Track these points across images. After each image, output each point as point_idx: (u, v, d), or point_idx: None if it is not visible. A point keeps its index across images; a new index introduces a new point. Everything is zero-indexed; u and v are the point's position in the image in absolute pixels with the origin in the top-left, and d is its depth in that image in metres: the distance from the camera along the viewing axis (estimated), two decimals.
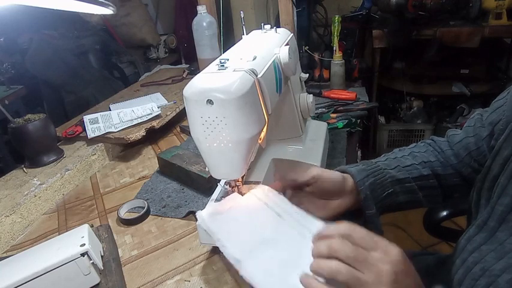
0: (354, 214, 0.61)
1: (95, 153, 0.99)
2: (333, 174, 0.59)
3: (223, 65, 0.52)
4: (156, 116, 1.06)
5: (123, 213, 0.78)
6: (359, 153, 1.14)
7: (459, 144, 0.64)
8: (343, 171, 0.61)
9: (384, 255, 0.39)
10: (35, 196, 0.82)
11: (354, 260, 0.38)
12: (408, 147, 0.68)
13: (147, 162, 1.01)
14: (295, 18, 1.42)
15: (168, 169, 0.89)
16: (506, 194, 0.45)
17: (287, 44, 0.66)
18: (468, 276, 0.45)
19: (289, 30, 0.78)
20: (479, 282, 0.43)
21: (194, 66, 1.55)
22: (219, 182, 0.63)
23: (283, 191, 0.58)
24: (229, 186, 0.61)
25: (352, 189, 0.59)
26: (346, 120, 1.02)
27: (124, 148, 1.09)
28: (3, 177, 0.90)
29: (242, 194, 0.61)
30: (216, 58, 0.55)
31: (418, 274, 0.41)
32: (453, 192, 0.67)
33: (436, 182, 0.64)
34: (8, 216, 0.75)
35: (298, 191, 0.60)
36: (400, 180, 0.62)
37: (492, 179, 0.49)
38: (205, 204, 0.66)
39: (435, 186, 0.64)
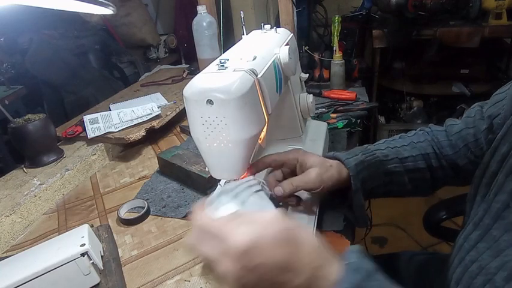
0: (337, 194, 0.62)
1: (95, 153, 0.99)
2: (332, 176, 0.58)
3: (223, 65, 0.52)
4: (156, 116, 1.06)
5: (123, 213, 0.78)
6: None
7: (457, 135, 0.64)
8: (337, 159, 0.61)
9: (222, 254, 0.35)
10: (35, 196, 0.82)
11: (206, 259, 0.37)
12: (409, 135, 0.69)
13: (147, 162, 1.01)
14: (295, 18, 1.42)
15: (168, 169, 0.89)
16: (504, 191, 0.44)
17: (287, 44, 0.66)
18: (466, 275, 0.45)
19: (289, 30, 0.78)
20: (476, 280, 0.43)
21: (194, 66, 1.55)
22: (219, 182, 0.63)
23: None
24: None
25: (346, 178, 0.59)
26: (346, 120, 1.02)
27: (124, 148, 1.09)
28: (3, 177, 0.90)
29: None
30: (216, 58, 0.55)
31: (279, 256, 0.34)
32: (444, 185, 0.67)
33: (429, 175, 0.64)
34: (8, 216, 0.75)
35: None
36: (393, 173, 0.63)
37: (490, 176, 0.49)
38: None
39: (427, 178, 0.65)
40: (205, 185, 0.79)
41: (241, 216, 0.38)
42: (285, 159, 0.60)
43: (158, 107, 1.10)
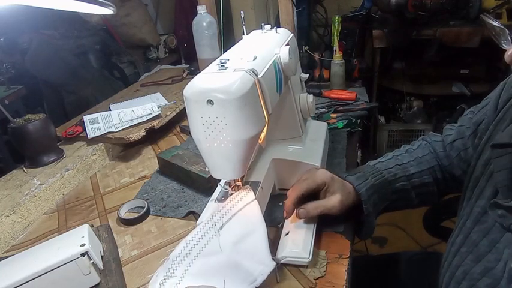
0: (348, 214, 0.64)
1: (95, 153, 0.99)
2: (350, 202, 0.62)
3: (223, 65, 0.52)
4: (156, 116, 1.06)
5: (123, 213, 0.78)
6: (359, 153, 1.14)
7: (450, 145, 0.65)
8: (348, 181, 0.63)
9: None
10: (35, 196, 0.82)
11: None
12: (414, 147, 0.69)
13: (147, 162, 1.01)
14: (295, 18, 1.42)
15: (168, 169, 0.89)
16: (483, 197, 0.45)
17: (287, 44, 0.66)
18: (453, 280, 0.45)
19: (289, 30, 0.78)
20: (461, 285, 0.43)
21: (194, 66, 1.55)
22: (219, 182, 0.63)
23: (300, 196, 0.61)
24: (229, 186, 0.61)
25: (359, 201, 0.62)
26: (346, 120, 1.02)
27: (124, 148, 1.09)
28: (3, 177, 0.90)
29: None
30: (216, 58, 0.55)
31: None
32: (449, 193, 0.69)
33: (436, 188, 0.65)
34: (8, 216, 0.75)
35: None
36: (401, 190, 0.64)
37: (475, 180, 0.49)
38: (205, 204, 0.66)
39: (434, 192, 0.66)
40: (205, 185, 0.79)
41: None
42: (315, 185, 0.62)
43: (158, 107, 1.10)
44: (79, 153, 0.97)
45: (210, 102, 0.47)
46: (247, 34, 0.72)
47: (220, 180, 0.62)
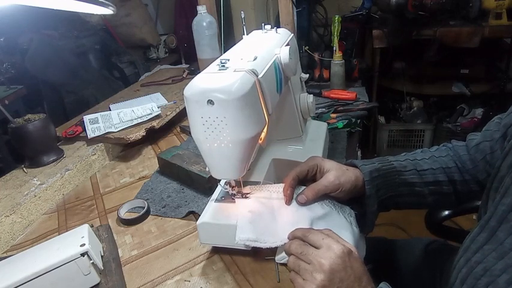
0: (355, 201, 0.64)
1: (95, 153, 0.99)
2: (350, 178, 0.61)
3: (223, 65, 0.52)
4: (156, 116, 1.06)
5: (123, 213, 0.78)
6: (359, 153, 1.14)
7: (475, 148, 0.64)
8: (354, 166, 0.63)
9: (326, 251, 0.48)
10: (35, 196, 0.82)
11: (301, 255, 0.50)
12: (431, 149, 0.69)
13: (147, 162, 1.01)
14: (295, 18, 1.42)
15: (168, 169, 0.89)
16: (509, 194, 0.45)
17: (287, 44, 0.66)
18: (471, 276, 0.45)
19: (289, 30, 0.78)
20: (480, 281, 0.43)
21: (194, 66, 1.55)
22: (219, 182, 0.63)
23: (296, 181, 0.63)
24: (229, 186, 0.61)
25: (362, 184, 0.62)
26: (346, 120, 1.02)
27: (124, 148, 1.09)
28: (3, 177, 0.90)
29: (243, 195, 0.62)
30: (216, 58, 0.55)
31: (361, 268, 0.48)
32: (472, 199, 0.67)
33: (451, 189, 0.64)
34: (8, 216, 0.75)
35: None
36: (410, 183, 0.63)
37: (499, 180, 0.49)
38: (205, 204, 0.66)
39: (449, 192, 0.64)
40: (205, 185, 0.79)
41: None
42: (307, 167, 0.62)
43: (158, 107, 1.10)
44: (79, 153, 0.97)
45: (210, 102, 0.47)
46: (247, 34, 0.72)
47: (220, 180, 0.62)
